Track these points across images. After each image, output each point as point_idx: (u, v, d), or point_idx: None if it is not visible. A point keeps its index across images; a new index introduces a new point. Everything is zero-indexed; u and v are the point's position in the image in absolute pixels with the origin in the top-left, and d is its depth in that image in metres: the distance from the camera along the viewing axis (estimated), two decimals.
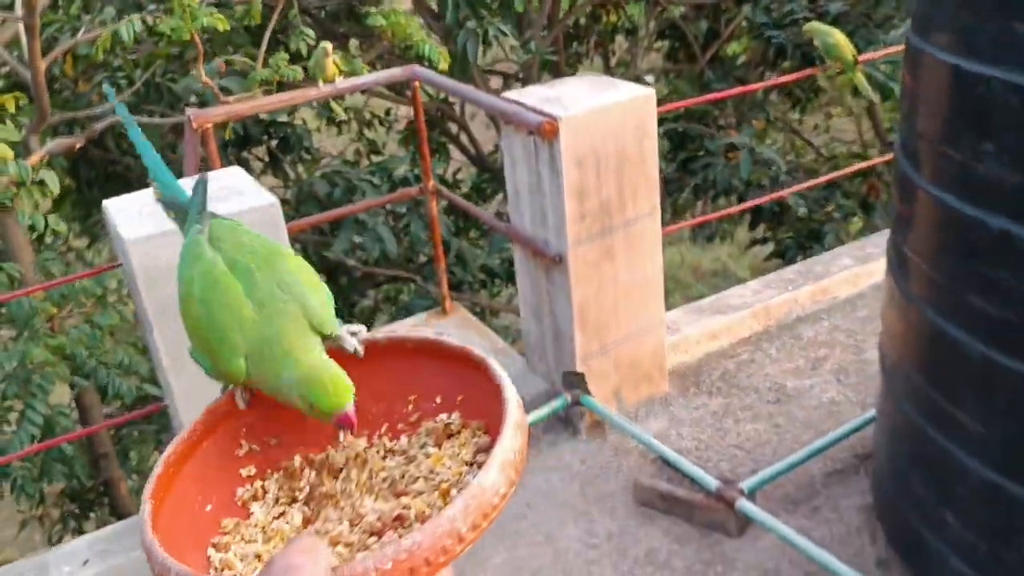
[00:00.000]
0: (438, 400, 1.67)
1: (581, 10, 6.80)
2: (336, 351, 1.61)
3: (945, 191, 1.80)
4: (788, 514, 2.46)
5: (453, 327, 3.32)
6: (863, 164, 4.84)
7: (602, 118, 2.47)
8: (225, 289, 1.16)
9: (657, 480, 2.46)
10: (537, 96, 2.57)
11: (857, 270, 3.52)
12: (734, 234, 7.97)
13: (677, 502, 2.40)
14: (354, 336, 1.46)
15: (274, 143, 5.82)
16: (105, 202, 1.98)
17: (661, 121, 5.64)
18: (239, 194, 2.04)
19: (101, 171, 5.99)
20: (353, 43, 6.80)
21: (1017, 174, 1.62)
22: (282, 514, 1.33)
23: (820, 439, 2.56)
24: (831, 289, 3.46)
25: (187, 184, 2.18)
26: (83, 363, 3.70)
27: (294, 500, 1.47)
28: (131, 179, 5.94)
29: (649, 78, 7.32)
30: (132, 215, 1.93)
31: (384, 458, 1.56)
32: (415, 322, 3.41)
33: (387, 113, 7.03)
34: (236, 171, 2.17)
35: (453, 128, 7.18)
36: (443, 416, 1.58)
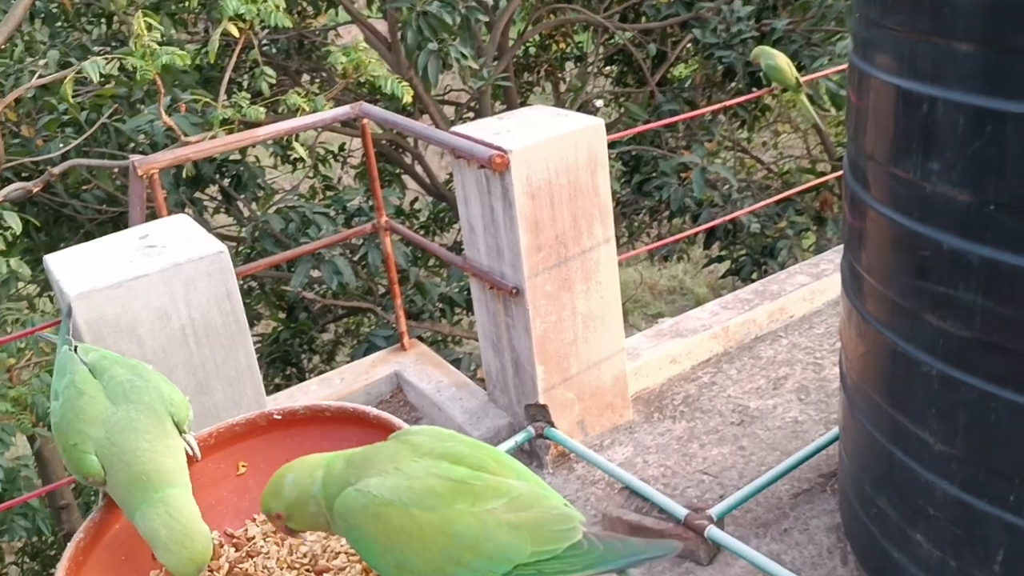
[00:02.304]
0: None
1: (531, 39, 6.84)
2: (249, 423, 1.56)
3: (895, 211, 1.81)
4: (758, 538, 2.45)
5: (412, 363, 3.28)
6: (815, 181, 4.91)
7: (553, 149, 2.46)
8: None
9: (625, 510, 2.44)
10: (487, 129, 2.56)
11: (812, 287, 3.54)
12: (689, 252, 8.03)
13: (646, 532, 2.37)
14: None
15: (226, 182, 5.75)
16: (46, 257, 1.92)
17: (614, 145, 5.67)
18: (187, 242, 1.99)
19: (50, 215, 5.86)
20: (305, 79, 6.77)
21: (965, 192, 1.63)
22: None
23: (786, 460, 2.56)
24: (788, 308, 3.48)
25: (135, 232, 2.11)
26: (45, 414, 3.59)
27: None
28: (80, 222, 5.82)
29: (599, 103, 7.37)
30: (74, 269, 1.88)
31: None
32: (374, 360, 3.37)
33: (341, 148, 6.99)
34: (182, 219, 2.12)
35: (408, 158, 7.17)
36: None
